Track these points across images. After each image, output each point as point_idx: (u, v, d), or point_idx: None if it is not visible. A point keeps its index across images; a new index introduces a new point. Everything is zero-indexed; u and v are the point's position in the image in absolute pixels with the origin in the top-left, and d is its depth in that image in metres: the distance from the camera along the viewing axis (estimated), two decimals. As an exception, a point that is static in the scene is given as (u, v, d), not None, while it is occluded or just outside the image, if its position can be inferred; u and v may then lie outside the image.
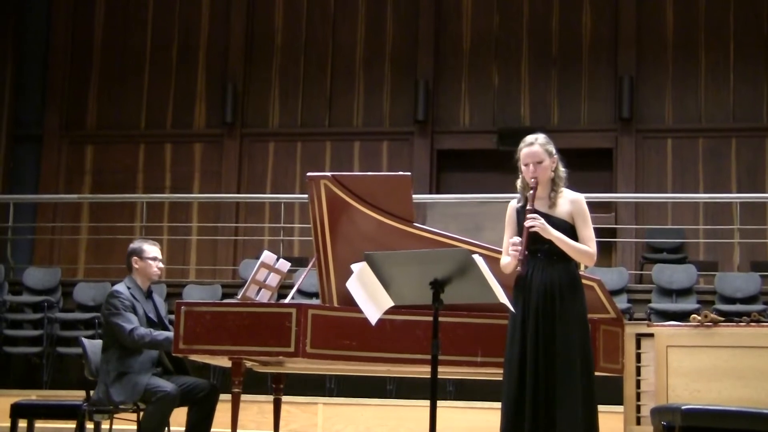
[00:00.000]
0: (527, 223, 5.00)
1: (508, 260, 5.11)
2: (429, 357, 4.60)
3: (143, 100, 13.66)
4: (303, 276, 6.29)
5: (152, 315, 6.35)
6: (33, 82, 13.72)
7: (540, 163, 5.10)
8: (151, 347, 6.13)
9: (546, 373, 4.92)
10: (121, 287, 6.32)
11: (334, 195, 5.86)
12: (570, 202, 5.14)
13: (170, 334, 5.99)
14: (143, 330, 6.12)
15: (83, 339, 6.53)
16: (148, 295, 6.45)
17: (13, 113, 13.59)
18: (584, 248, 5.07)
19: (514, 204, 5.26)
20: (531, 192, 5.10)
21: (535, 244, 5.04)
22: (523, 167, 5.15)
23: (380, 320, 4.78)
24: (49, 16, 13.85)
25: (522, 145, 5.18)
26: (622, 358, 5.82)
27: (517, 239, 5.03)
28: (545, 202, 5.14)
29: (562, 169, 5.19)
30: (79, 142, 13.68)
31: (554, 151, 5.17)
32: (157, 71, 13.65)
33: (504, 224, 5.31)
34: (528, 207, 5.08)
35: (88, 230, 13.19)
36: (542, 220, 5.01)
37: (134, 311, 6.21)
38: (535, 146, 5.13)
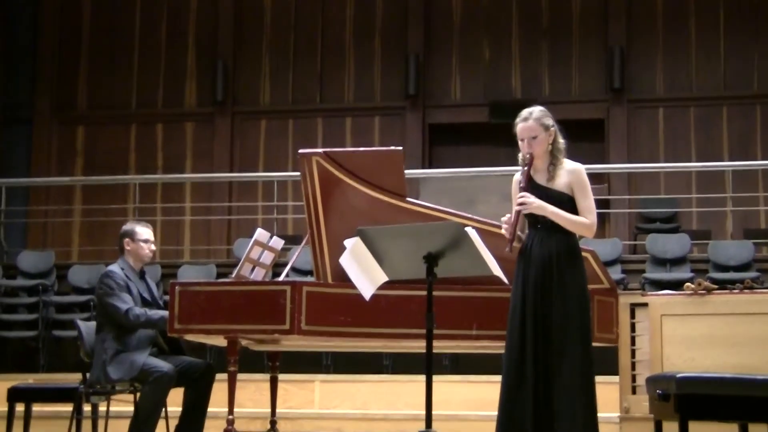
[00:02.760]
0: (516, 207, 4.99)
1: None
2: (424, 331, 4.61)
3: (133, 80, 13.61)
4: (297, 253, 6.29)
5: (146, 295, 6.36)
6: (22, 64, 13.66)
7: (535, 138, 5.06)
8: (147, 326, 6.13)
9: (544, 345, 4.92)
10: (115, 267, 6.33)
11: (326, 171, 5.85)
12: (568, 172, 5.10)
13: (165, 313, 5.99)
14: (138, 310, 6.13)
15: (78, 321, 6.54)
16: (141, 276, 6.45)
17: (2, 96, 13.54)
18: (581, 220, 5.03)
19: (517, 177, 5.22)
20: (525, 169, 5.06)
21: (534, 216, 5.04)
22: (519, 142, 5.13)
23: (374, 296, 4.79)
24: (37, -2, 13.79)
25: (517, 119, 5.13)
26: (616, 328, 5.84)
27: (507, 218, 5.01)
28: (544, 174, 5.11)
29: (561, 141, 5.13)
30: (69, 123, 13.64)
31: (551, 123, 5.11)
32: (146, 51, 13.60)
33: (498, 197, 5.31)
34: (521, 185, 5.05)
35: (81, 212, 13.17)
36: (533, 199, 4.98)
37: (129, 291, 6.22)
38: (529, 121, 5.08)
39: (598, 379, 5.01)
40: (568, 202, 5.06)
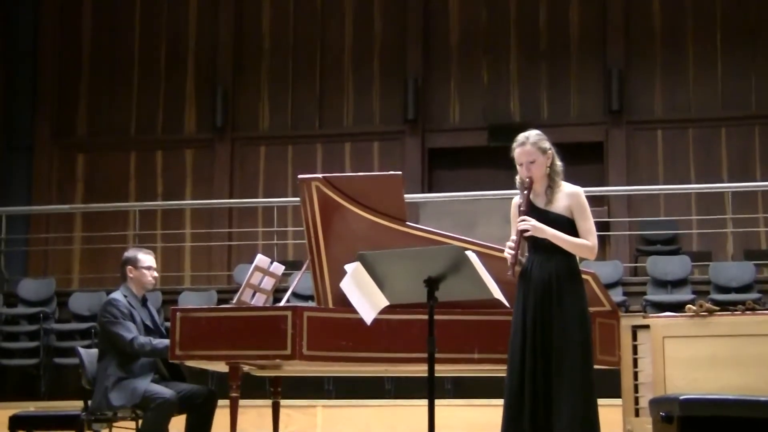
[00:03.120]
0: (520, 226, 5.00)
1: None
2: (426, 355, 4.60)
3: (133, 107, 13.64)
4: (297, 278, 6.29)
5: (148, 322, 6.35)
6: (22, 91, 13.68)
7: (533, 162, 5.09)
8: (152, 355, 6.12)
9: (544, 367, 4.92)
10: (117, 295, 6.32)
11: (326, 196, 5.86)
12: (568, 195, 5.12)
13: (169, 341, 5.98)
14: (143, 339, 6.12)
15: (79, 349, 6.52)
16: (143, 303, 6.45)
17: (2, 124, 13.57)
18: (581, 242, 5.05)
19: (516, 201, 5.23)
20: (525, 193, 5.08)
21: (534, 239, 5.05)
22: (517, 166, 5.15)
23: (376, 320, 4.78)
24: (37, 25, 13.82)
25: (515, 144, 5.16)
26: (618, 351, 5.83)
27: (513, 242, 5.01)
28: (542, 198, 5.13)
29: (558, 164, 5.16)
30: (69, 150, 13.66)
31: (548, 146, 5.14)
32: (146, 77, 13.63)
33: (498, 220, 5.31)
34: (522, 209, 5.07)
35: (82, 240, 13.17)
36: (534, 222, 5.00)
37: (132, 319, 6.22)
38: (526, 146, 5.11)
39: (600, 401, 4.99)
40: (567, 225, 5.07)
